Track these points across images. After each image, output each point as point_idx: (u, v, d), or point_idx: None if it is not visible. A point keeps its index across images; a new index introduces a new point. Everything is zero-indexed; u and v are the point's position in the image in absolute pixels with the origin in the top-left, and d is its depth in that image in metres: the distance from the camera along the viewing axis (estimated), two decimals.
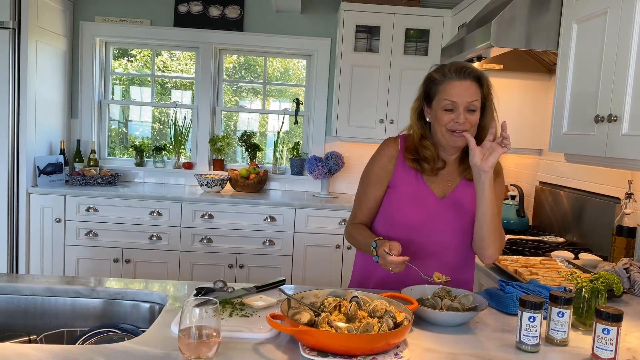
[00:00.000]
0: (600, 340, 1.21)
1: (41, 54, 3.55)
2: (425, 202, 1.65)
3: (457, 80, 1.55)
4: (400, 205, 1.66)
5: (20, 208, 3.48)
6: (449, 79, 1.56)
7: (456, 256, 1.69)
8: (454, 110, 1.55)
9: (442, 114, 1.57)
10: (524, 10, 2.25)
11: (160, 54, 4.30)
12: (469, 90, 1.55)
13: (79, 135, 4.05)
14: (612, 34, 1.82)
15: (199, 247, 3.53)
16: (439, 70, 1.60)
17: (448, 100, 1.55)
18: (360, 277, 1.79)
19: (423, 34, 3.78)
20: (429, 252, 1.66)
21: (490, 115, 1.61)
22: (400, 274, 1.62)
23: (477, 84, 1.57)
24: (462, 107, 1.54)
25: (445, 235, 1.66)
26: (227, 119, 4.37)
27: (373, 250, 1.56)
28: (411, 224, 1.65)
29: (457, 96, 1.54)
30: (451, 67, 1.58)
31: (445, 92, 1.56)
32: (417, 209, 1.64)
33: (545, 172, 2.99)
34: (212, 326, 1.07)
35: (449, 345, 1.27)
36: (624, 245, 2.10)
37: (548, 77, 2.92)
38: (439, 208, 1.65)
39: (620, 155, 1.75)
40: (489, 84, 1.60)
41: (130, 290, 1.57)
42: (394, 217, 1.67)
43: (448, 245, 1.67)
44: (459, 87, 1.55)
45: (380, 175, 1.68)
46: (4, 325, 1.53)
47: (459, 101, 1.54)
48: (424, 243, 1.65)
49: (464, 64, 1.59)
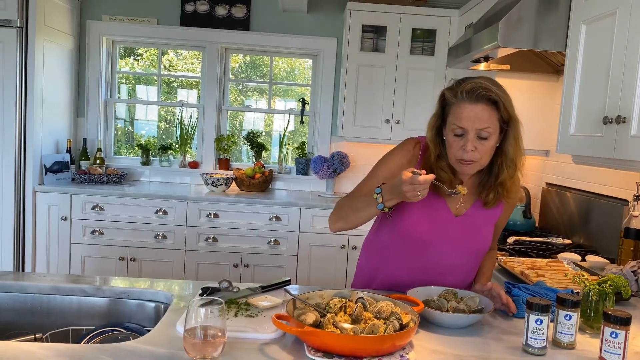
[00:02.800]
0: (608, 344, 1.20)
1: (48, 52, 3.57)
2: (440, 219, 1.56)
3: (468, 103, 1.41)
4: (413, 217, 1.56)
5: (27, 206, 3.49)
6: (460, 100, 1.43)
7: (467, 275, 1.65)
8: (463, 135, 1.43)
9: (452, 139, 1.46)
10: (532, 10, 2.24)
11: (166, 53, 4.31)
12: (481, 115, 1.40)
13: (85, 134, 4.06)
14: (621, 35, 1.80)
15: (204, 246, 3.54)
16: (452, 88, 1.47)
17: (457, 125, 1.43)
18: (364, 278, 1.76)
19: (430, 34, 3.77)
20: (438, 270, 1.60)
21: (512, 140, 1.47)
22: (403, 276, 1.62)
23: (491, 108, 1.41)
24: (471, 133, 1.42)
25: (456, 255, 1.59)
26: (232, 118, 4.37)
27: (378, 197, 1.42)
28: (424, 239, 1.56)
29: (466, 121, 1.41)
30: (464, 87, 1.43)
31: (455, 115, 1.44)
32: (431, 224, 1.56)
33: (552, 174, 2.97)
34: (217, 326, 1.07)
35: (455, 347, 1.26)
36: (631, 247, 2.08)
37: (556, 77, 2.90)
38: (453, 226, 1.57)
39: (629, 156, 1.74)
40: (509, 107, 1.43)
41: (136, 290, 1.58)
42: (406, 229, 1.58)
43: (458, 265, 1.61)
44: (469, 112, 1.41)
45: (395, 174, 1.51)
46: (10, 324, 1.53)
47: (468, 127, 1.41)
48: (434, 261, 1.59)
49: (478, 84, 1.42)
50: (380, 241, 1.69)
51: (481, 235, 1.60)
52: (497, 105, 1.42)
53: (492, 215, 1.61)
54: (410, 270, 1.62)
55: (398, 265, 1.64)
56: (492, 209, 1.59)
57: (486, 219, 1.60)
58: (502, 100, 1.42)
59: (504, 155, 1.49)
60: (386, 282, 1.67)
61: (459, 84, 1.46)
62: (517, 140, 1.48)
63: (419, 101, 3.73)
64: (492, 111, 1.42)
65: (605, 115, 1.85)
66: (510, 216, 1.72)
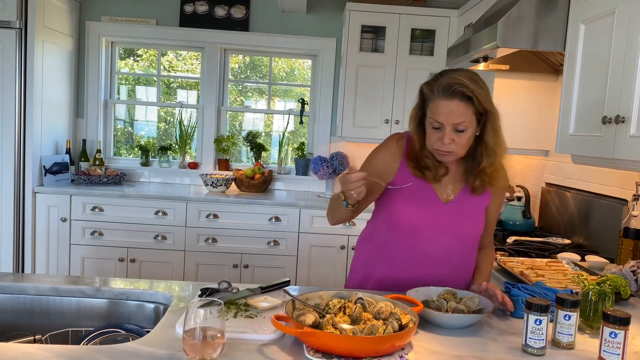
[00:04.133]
0: (607, 344, 1.20)
1: (47, 53, 3.57)
2: (429, 205, 1.62)
3: (444, 99, 1.48)
4: (402, 207, 1.62)
5: (27, 207, 3.49)
6: (436, 96, 1.50)
7: (460, 260, 1.67)
8: (440, 129, 1.51)
9: (431, 131, 1.54)
10: (531, 10, 2.24)
11: (165, 54, 4.31)
12: (456, 110, 1.47)
13: (84, 135, 4.07)
14: (620, 35, 1.80)
15: (204, 247, 3.54)
16: (429, 83, 1.54)
17: (434, 119, 1.51)
18: (359, 277, 1.76)
19: (429, 34, 3.77)
20: (432, 256, 1.63)
21: (491, 130, 1.54)
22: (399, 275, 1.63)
23: (466, 103, 1.48)
24: (448, 127, 1.49)
25: (449, 240, 1.63)
26: (232, 118, 4.37)
27: (341, 194, 1.52)
28: (415, 227, 1.61)
29: (442, 116, 1.49)
30: (440, 83, 1.49)
31: (432, 110, 1.51)
32: (421, 211, 1.61)
33: (551, 174, 2.97)
34: (216, 327, 1.07)
35: (454, 348, 1.26)
36: (631, 247, 2.08)
37: (555, 77, 2.90)
38: (443, 212, 1.62)
39: (628, 156, 1.74)
40: (484, 101, 1.49)
41: (135, 291, 1.57)
42: (396, 219, 1.63)
43: (451, 250, 1.64)
44: (444, 107, 1.48)
45: (381, 170, 1.63)
46: (10, 325, 1.53)
47: (445, 122, 1.49)
48: (427, 247, 1.62)
49: (453, 79, 1.48)
50: (374, 237, 1.71)
51: (471, 220, 1.64)
52: (472, 100, 1.48)
53: (481, 202, 1.66)
54: (406, 261, 1.64)
55: (393, 258, 1.65)
56: (480, 196, 1.64)
57: (475, 205, 1.65)
58: (476, 95, 1.47)
59: (484, 144, 1.56)
60: (383, 278, 1.67)
61: (436, 78, 1.53)
62: (495, 131, 1.55)
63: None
64: (467, 106, 1.48)
65: (604, 115, 1.85)
66: (501, 206, 1.75)
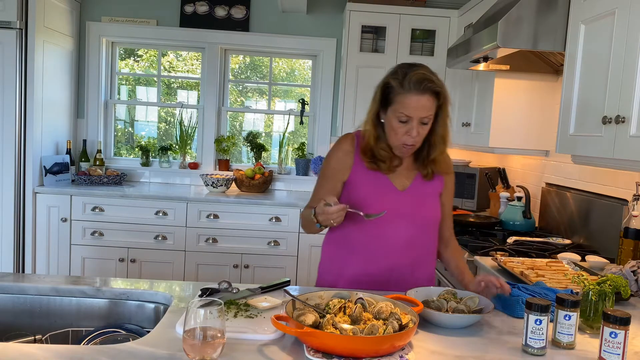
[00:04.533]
0: (607, 344, 1.20)
1: (48, 54, 3.57)
2: (386, 195, 1.67)
3: (416, 94, 1.53)
4: (361, 199, 1.66)
5: (27, 207, 3.49)
6: (407, 91, 1.54)
7: (422, 249, 1.73)
8: (408, 123, 1.57)
9: (397, 124, 1.58)
10: (531, 10, 2.24)
11: (166, 54, 4.31)
12: (426, 105, 1.55)
13: (85, 135, 4.07)
14: (621, 35, 1.80)
15: (204, 247, 3.54)
16: (398, 78, 1.57)
17: (403, 113, 1.55)
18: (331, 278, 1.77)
19: (429, 35, 3.77)
20: (395, 245, 1.68)
21: (442, 122, 1.63)
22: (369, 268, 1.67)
23: (434, 98, 1.56)
24: (415, 121, 1.56)
25: (409, 227, 1.68)
26: (232, 119, 4.38)
27: (314, 217, 1.57)
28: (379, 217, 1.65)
29: (413, 111, 1.54)
30: (411, 77, 1.54)
31: (402, 104, 1.55)
32: (379, 201, 1.66)
33: (551, 174, 2.97)
34: (216, 327, 1.07)
35: (454, 348, 1.26)
36: (631, 247, 2.08)
37: (555, 78, 2.90)
38: (401, 200, 1.68)
39: (628, 156, 1.74)
40: (446, 97, 1.60)
41: (135, 291, 1.58)
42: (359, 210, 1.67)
43: (412, 238, 1.69)
44: (416, 102, 1.53)
45: (337, 169, 1.70)
46: (10, 325, 1.53)
47: (414, 116, 1.55)
48: (389, 236, 1.67)
49: (423, 75, 1.55)
50: (340, 236, 1.75)
51: (429, 205, 1.72)
52: (439, 95, 1.57)
53: (434, 187, 1.74)
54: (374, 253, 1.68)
55: (362, 252, 1.69)
56: (432, 181, 1.73)
57: (429, 191, 1.73)
58: (443, 91, 1.58)
59: (435, 134, 1.64)
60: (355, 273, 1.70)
61: (404, 73, 1.56)
62: (445, 122, 1.65)
63: None
64: (434, 101, 1.57)
65: (604, 115, 1.85)
66: (452, 191, 1.82)
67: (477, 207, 3.40)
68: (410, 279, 1.68)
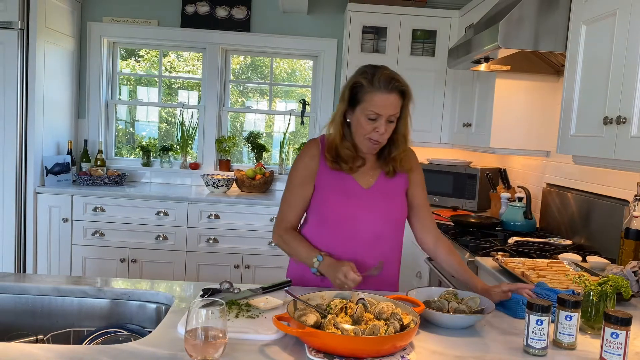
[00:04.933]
0: (608, 344, 1.20)
1: (49, 54, 3.57)
2: (352, 193, 1.71)
3: (385, 93, 1.59)
4: (328, 199, 1.71)
5: (28, 208, 3.49)
6: (376, 89, 1.59)
7: (392, 247, 1.77)
8: (376, 120, 1.61)
9: (365, 122, 1.62)
10: (532, 11, 2.24)
11: (167, 55, 4.31)
12: (394, 104, 1.60)
13: (86, 135, 4.07)
14: (622, 35, 1.81)
15: (205, 248, 3.54)
16: (367, 77, 1.62)
17: (373, 111, 1.60)
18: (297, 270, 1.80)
19: (430, 35, 3.77)
20: (363, 242, 1.71)
21: (404, 121, 1.69)
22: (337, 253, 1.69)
23: (400, 97, 1.62)
24: (384, 118, 1.61)
25: (376, 223, 1.71)
26: (233, 119, 4.38)
27: (315, 263, 1.63)
28: (342, 215, 1.70)
29: (382, 109, 1.59)
30: (380, 76, 1.60)
31: (371, 102, 1.60)
32: (344, 199, 1.70)
33: (552, 174, 2.97)
34: (218, 327, 1.07)
35: (455, 348, 1.26)
36: (632, 248, 2.08)
37: (556, 78, 2.90)
38: (366, 197, 1.71)
39: (629, 157, 1.74)
40: (410, 97, 1.66)
41: (137, 291, 1.58)
42: (324, 212, 1.72)
43: (380, 235, 1.72)
44: (385, 100, 1.59)
45: (305, 174, 1.74)
46: (12, 325, 1.53)
47: (383, 113, 1.59)
48: (357, 232, 1.70)
49: (392, 74, 1.62)
50: (309, 230, 1.78)
51: (394, 203, 1.75)
52: (404, 95, 1.63)
53: (399, 184, 1.77)
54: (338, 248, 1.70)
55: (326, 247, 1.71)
56: (396, 179, 1.76)
57: (394, 188, 1.76)
58: (408, 90, 1.64)
59: (397, 132, 1.69)
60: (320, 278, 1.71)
61: (372, 73, 1.62)
62: (406, 120, 1.70)
63: (419, 102, 3.69)
64: (400, 99, 1.63)
65: (605, 115, 1.85)
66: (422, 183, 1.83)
67: (478, 208, 3.40)
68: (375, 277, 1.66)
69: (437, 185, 3.56)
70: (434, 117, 3.76)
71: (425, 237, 1.82)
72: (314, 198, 1.75)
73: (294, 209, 1.77)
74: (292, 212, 1.77)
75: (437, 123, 3.77)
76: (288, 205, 1.77)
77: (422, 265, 2.95)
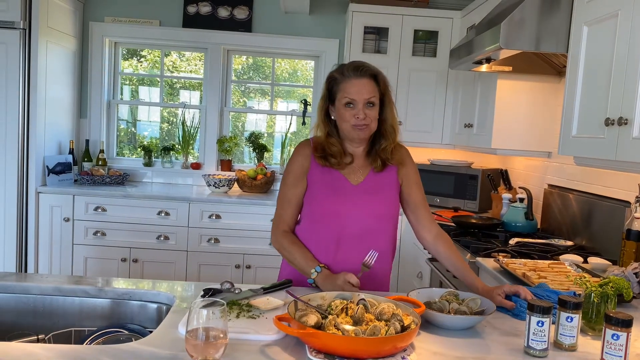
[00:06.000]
0: (609, 346, 1.20)
1: (51, 54, 3.58)
2: (341, 189, 1.74)
3: (355, 78, 1.67)
4: (319, 196, 1.75)
5: (30, 207, 3.50)
6: (347, 77, 1.68)
7: (385, 241, 1.78)
8: (354, 106, 1.67)
9: (344, 110, 1.68)
10: (534, 12, 2.24)
11: (169, 55, 4.32)
12: (366, 87, 1.67)
13: (87, 135, 4.07)
14: (623, 36, 1.80)
15: (207, 248, 3.54)
16: (338, 69, 1.72)
17: (347, 97, 1.66)
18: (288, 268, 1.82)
19: (432, 36, 3.77)
20: (356, 237, 1.73)
21: (389, 110, 1.74)
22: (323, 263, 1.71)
23: (373, 82, 1.69)
24: (361, 103, 1.66)
25: (367, 218, 1.74)
26: (235, 119, 4.38)
27: (313, 273, 1.65)
28: (332, 211, 1.72)
29: (355, 94, 1.66)
30: (349, 66, 1.69)
31: (344, 90, 1.67)
32: (335, 196, 1.74)
33: (554, 175, 2.97)
34: (219, 327, 1.07)
35: (456, 349, 1.26)
36: (633, 249, 2.08)
37: (558, 79, 2.90)
38: (356, 192, 1.74)
39: (631, 158, 1.73)
40: (385, 81, 1.73)
41: (138, 291, 1.58)
42: (316, 209, 1.76)
43: (371, 229, 1.74)
44: (357, 85, 1.66)
45: (298, 173, 1.78)
46: (13, 324, 1.54)
47: (358, 98, 1.66)
48: (349, 228, 1.72)
49: (360, 63, 1.70)
50: (301, 227, 1.81)
51: (384, 199, 1.77)
52: (377, 78, 1.70)
53: (389, 180, 1.79)
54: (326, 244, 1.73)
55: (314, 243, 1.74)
56: (385, 174, 1.78)
57: (383, 183, 1.78)
58: (380, 74, 1.71)
59: (385, 123, 1.74)
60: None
61: (342, 66, 1.72)
62: (392, 111, 1.75)
63: (420, 102, 3.73)
64: (374, 84, 1.69)
65: (607, 117, 1.85)
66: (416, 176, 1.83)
67: (479, 209, 3.40)
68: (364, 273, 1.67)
69: (438, 185, 3.56)
70: (435, 118, 3.76)
71: (424, 234, 1.83)
72: (305, 196, 1.79)
73: (289, 208, 1.80)
74: (287, 212, 1.80)
75: (438, 124, 3.77)
76: (283, 204, 1.81)
77: (423, 266, 2.95)
